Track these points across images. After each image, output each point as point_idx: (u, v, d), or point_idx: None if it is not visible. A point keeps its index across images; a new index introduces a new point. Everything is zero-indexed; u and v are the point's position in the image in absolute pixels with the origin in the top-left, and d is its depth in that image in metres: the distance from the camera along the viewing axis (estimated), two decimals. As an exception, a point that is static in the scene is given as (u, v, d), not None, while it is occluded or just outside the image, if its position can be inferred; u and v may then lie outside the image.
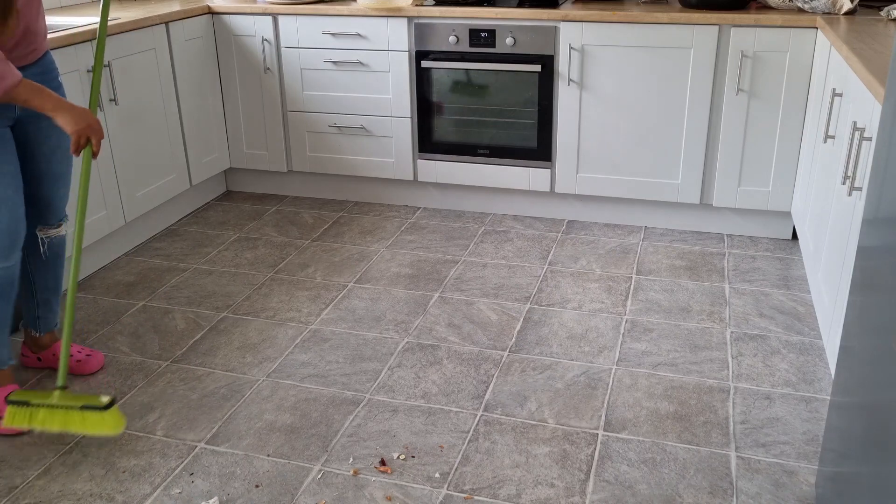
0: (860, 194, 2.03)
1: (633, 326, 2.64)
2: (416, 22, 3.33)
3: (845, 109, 2.35)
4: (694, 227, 3.39)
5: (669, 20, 3.05)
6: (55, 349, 2.42)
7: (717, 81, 3.10)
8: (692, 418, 2.18)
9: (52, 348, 2.42)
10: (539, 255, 3.17)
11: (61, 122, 1.97)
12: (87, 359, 2.42)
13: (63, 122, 1.97)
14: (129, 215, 3.15)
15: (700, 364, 2.43)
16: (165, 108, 3.29)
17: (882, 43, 2.44)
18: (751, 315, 2.71)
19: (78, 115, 1.98)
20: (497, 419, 2.19)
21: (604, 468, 2.00)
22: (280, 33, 3.51)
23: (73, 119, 1.97)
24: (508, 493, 1.92)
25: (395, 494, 1.92)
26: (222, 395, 2.32)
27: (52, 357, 2.42)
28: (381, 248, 3.26)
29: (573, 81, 3.23)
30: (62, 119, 1.96)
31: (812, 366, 2.42)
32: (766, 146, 3.12)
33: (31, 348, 2.43)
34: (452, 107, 3.44)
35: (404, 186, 3.69)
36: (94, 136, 2.02)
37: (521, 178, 3.44)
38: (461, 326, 2.66)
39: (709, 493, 1.91)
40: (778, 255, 3.15)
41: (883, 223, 1.47)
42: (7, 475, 2.00)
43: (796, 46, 2.97)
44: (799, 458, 2.02)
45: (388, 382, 2.36)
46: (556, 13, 3.15)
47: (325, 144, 3.65)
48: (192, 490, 1.94)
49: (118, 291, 2.93)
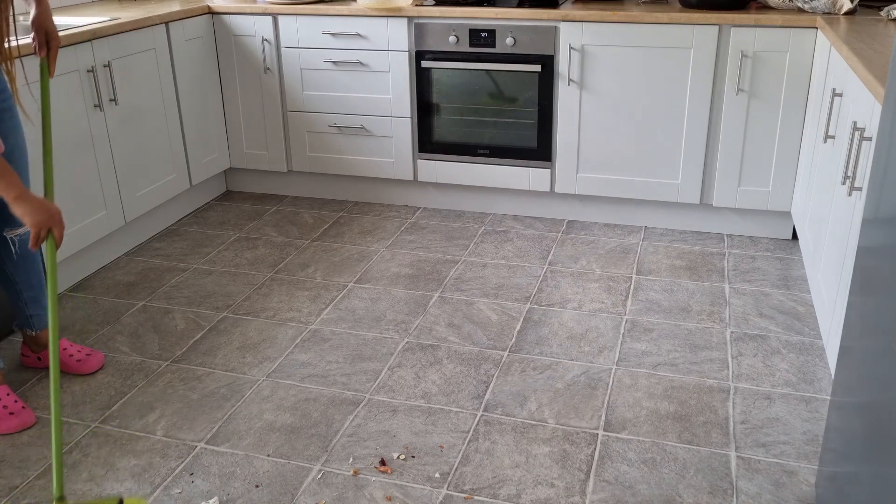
0: (860, 194, 2.03)
1: (633, 326, 2.64)
2: (416, 22, 3.33)
3: (845, 109, 2.35)
4: (694, 227, 3.39)
5: (669, 20, 3.05)
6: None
7: (717, 81, 3.10)
8: (692, 418, 2.18)
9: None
10: (539, 255, 3.17)
11: (20, 213, 1.85)
12: (87, 358, 2.42)
13: (22, 214, 1.85)
14: (129, 215, 3.15)
15: (700, 364, 2.43)
16: (165, 108, 3.29)
17: (882, 43, 2.44)
18: (751, 315, 2.71)
19: (38, 207, 1.86)
20: (497, 419, 2.19)
21: (604, 468, 2.00)
22: (280, 33, 3.51)
23: (33, 210, 1.85)
24: (508, 493, 1.92)
25: (395, 494, 1.92)
26: (222, 395, 2.32)
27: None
28: (381, 248, 3.27)
29: (573, 81, 3.23)
30: (21, 210, 1.84)
31: (812, 366, 2.42)
32: (766, 146, 3.12)
33: (32, 348, 2.43)
34: (452, 107, 3.44)
35: (404, 186, 3.69)
36: (56, 227, 1.89)
37: (521, 178, 3.44)
38: (461, 326, 2.66)
39: (709, 493, 1.91)
40: (778, 255, 3.15)
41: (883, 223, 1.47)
42: (7, 475, 2.00)
43: (796, 46, 2.97)
44: (799, 458, 2.02)
45: (388, 382, 2.36)
46: (556, 13, 3.15)
47: (325, 144, 3.65)
48: (192, 490, 1.94)
49: (118, 291, 2.93)
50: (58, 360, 1.84)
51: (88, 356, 2.42)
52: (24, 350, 2.45)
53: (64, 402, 2.28)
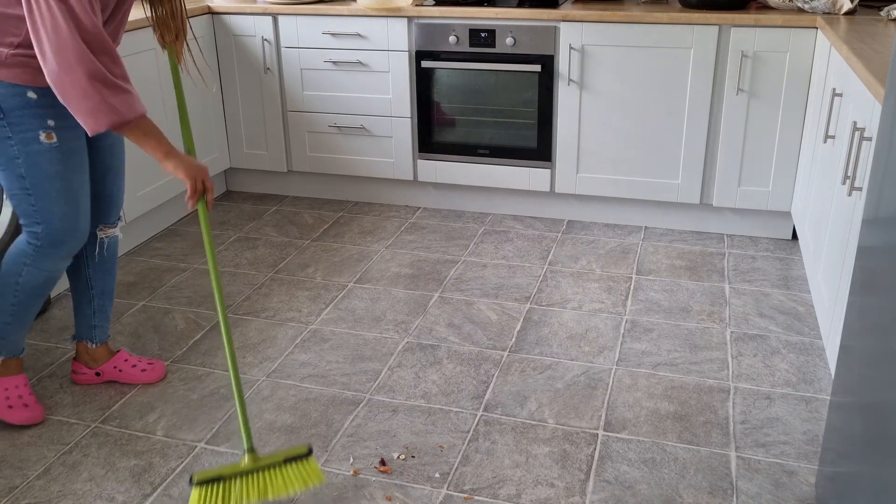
0: (860, 194, 2.03)
1: (633, 326, 2.64)
2: (416, 22, 3.33)
3: (845, 109, 2.35)
4: (694, 227, 3.39)
5: (669, 20, 3.05)
6: (115, 362, 2.34)
7: (717, 81, 3.10)
8: (692, 418, 2.18)
9: (111, 361, 2.34)
10: (539, 255, 3.17)
11: (171, 168, 1.90)
12: (150, 367, 2.37)
13: (174, 168, 1.90)
14: (129, 215, 3.15)
15: (700, 364, 2.43)
16: (165, 108, 3.29)
17: (882, 43, 2.44)
18: (751, 315, 2.71)
19: (189, 161, 1.92)
20: (497, 419, 2.19)
21: (604, 468, 2.00)
22: (280, 33, 3.51)
23: (186, 164, 1.91)
24: (508, 493, 1.92)
25: (395, 494, 1.92)
26: (222, 395, 2.32)
27: (112, 370, 2.34)
28: (381, 248, 3.27)
29: (573, 81, 3.23)
30: (172, 165, 1.89)
31: (812, 366, 2.42)
32: (766, 146, 3.12)
33: (88, 364, 2.34)
34: (452, 107, 3.44)
35: (404, 186, 3.69)
36: (208, 181, 1.94)
37: (521, 178, 3.44)
38: (461, 326, 2.66)
39: (709, 493, 1.91)
40: (778, 255, 3.15)
41: (883, 223, 1.47)
42: (7, 475, 2.00)
43: (796, 46, 2.97)
44: (799, 458, 2.02)
45: (388, 382, 2.36)
46: (556, 13, 3.15)
47: (325, 144, 3.65)
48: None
49: (118, 291, 2.93)
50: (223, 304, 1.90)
51: (150, 365, 2.37)
52: (76, 368, 2.34)
53: (64, 402, 2.28)
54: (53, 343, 2.59)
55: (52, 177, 1.97)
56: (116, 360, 2.36)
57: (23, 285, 2.09)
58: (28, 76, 1.88)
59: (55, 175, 1.97)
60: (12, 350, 2.17)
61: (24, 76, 1.88)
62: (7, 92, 1.89)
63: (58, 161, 1.96)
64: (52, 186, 1.97)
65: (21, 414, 2.15)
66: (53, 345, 2.58)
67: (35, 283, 2.09)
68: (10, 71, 1.87)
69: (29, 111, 1.91)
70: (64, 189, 1.99)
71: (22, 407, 2.16)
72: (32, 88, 1.90)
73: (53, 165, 1.96)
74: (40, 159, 1.94)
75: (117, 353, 2.37)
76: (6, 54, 1.86)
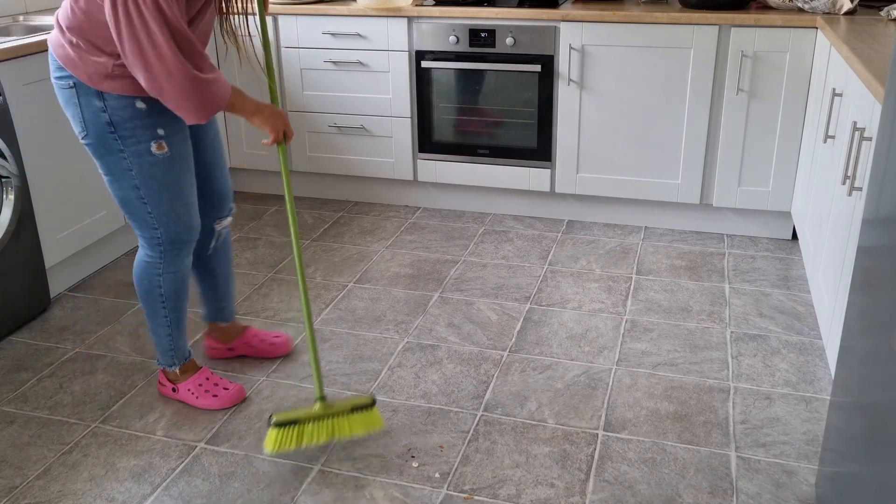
0: (860, 194, 2.03)
1: (633, 326, 2.64)
2: (415, 22, 3.33)
3: (845, 109, 2.35)
4: (694, 227, 3.39)
5: (669, 20, 3.05)
6: (246, 337, 2.46)
7: (717, 81, 3.10)
8: (692, 418, 2.18)
9: (243, 336, 2.45)
10: (539, 255, 3.17)
11: (259, 122, 2.00)
12: (277, 340, 2.49)
13: (261, 123, 2.00)
14: (129, 215, 3.15)
15: (700, 364, 2.43)
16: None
17: (882, 43, 2.44)
18: (751, 315, 2.71)
19: (273, 112, 2.02)
20: (497, 419, 2.19)
21: (604, 468, 2.00)
22: (280, 33, 3.51)
23: (272, 117, 2.01)
24: (508, 493, 1.92)
25: (395, 494, 1.92)
26: (222, 395, 2.31)
27: (244, 346, 2.46)
28: (381, 248, 3.27)
29: (573, 81, 3.23)
30: (260, 120, 2.00)
31: (812, 366, 2.42)
32: (766, 146, 3.13)
33: (221, 340, 2.45)
34: (452, 107, 3.44)
35: (404, 186, 3.69)
36: (289, 129, 2.06)
37: (521, 178, 3.44)
38: (461, 326, 2.66)
39: (709, 493, 1.91)
40: (778, 255, 3.15)
41: (883, 223, 1.47)
42: (7, 475, 2.00)
43: (796, 46, 2.97)
44: (799, 458, 2.02)
45: (388, 382, 2.36)
46: (556, 13, 3.15)
47: (325, 144, 3.65)
48: (192, 490, 1.94)
49: (118, 291, 2.93)
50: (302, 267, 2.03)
51: (277, 338, 2.48)
52: (210, 343, 2.47)
53: (64, 402, 2.28)
54: (53, 343, 2.59)
55: (167, 185, 2.00)
56: (248, 337, 2.46)
57: (167, 294, 2.14)
58: (136, 86, 1.86)
59: (170, 183, 2.00)
60: (182, 355, 2.26)
61: (132, 86, 1.87)
62: (116, 104, 1.89)
63: (170, 169, 1.99)
64: (166, 193, 2.01)
65: (226, 396, 2.24)
66: (53, 345, 2.58)
67: (175, 287, 2.15)
68: (117, 82, 1.86)
69: (139, 122, 1.91)
70: (178, 193, 2.03)
71: (223, 390, 2.24)
72: (140, 98, 1.90)
73: (167, 174, 1.99)
74: (154, 170, 1.97)
75: (246, 331, 2.47)
76: (111, 65, 1.85)
